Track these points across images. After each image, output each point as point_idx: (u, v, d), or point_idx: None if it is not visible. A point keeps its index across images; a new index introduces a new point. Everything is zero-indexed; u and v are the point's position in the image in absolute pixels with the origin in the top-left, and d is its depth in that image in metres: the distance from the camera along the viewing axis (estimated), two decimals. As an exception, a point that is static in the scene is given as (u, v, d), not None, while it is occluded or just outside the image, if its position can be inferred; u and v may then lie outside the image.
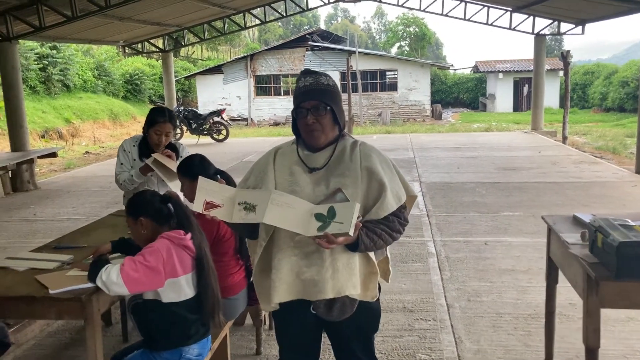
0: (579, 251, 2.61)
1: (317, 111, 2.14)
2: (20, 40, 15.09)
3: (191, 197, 3.30)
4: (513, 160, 11.77)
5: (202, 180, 2.03)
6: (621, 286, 2.34)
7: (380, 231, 2.10)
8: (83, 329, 4.24)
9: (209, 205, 1.97)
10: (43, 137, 18.56)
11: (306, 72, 2.24)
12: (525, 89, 30.61)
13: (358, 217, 1.98)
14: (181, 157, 3.94)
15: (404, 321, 4.16)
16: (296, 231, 1.97)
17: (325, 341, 2.41)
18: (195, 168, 3.22)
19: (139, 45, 19.00)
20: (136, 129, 23.71)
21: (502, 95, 31.40)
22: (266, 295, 2.19)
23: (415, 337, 3.91)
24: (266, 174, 2.20)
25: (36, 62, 20.58)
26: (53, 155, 11.48)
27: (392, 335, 3.94)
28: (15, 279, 2.72)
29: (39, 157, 10.99)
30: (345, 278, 2.10)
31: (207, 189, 2.01)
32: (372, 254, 2.19)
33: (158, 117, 3.84)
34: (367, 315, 2.26)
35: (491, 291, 4.68)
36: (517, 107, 31.19)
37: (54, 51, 21.65)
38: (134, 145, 3.99)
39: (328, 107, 2.15)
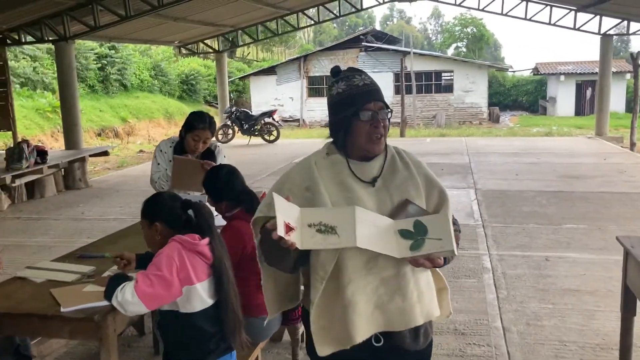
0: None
1: (383, 114, 1.87)
2: (79, 41, 15.44)
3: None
4: (576, 167, 11.09)
5: (277, 199, 1.59)
6: None
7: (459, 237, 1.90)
8: (117, 338, 4.13)
9: (288, 228, 1.57)
10: (99, 135, 18.97)
11: (354, 70, 1.94)
12: (589, 92, 29.25)
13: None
14: (219, 162, 3.74)
15: (455, 345, 3.79)
16: (386, 253, 1.68)
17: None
18: (219, 185, 2.96)
19: (194, 46, 19.15)
20: (190, 128, 23.97)
21: (564, 98, 30.12)
22: (337, 336, 1.83)
23: (467, 364, 3.54)
24: (316, 191, 1.83)
25: (95, 62, 21.11)
26: (105, 154, 11.59)
27: (442, 361, 3.59)
28: (30, 292, 2.54)
29: (91, 156, 11.10)
30: (429, 299, 1.88)
31: (284, 209, 1.59)
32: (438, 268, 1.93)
33: (198, 124, 3.66)
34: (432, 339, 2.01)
35: (553, 314, 4.24)
36: (579, 111, 29.86)
37: (113, 51, 22.16)
38: (170, 146, 3.85)
39: (390, 111, 1.90)
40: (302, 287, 2.04)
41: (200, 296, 2.31)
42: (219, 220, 3.12)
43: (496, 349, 3.73)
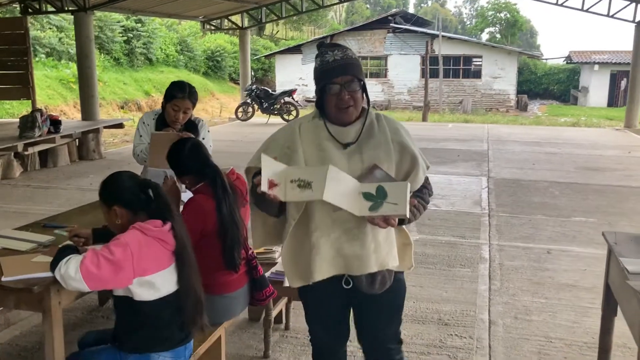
0: None
1: (350, 86, 2.09)
2: (106, 13, 15.45)
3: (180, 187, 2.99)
4: (597, 159, 10.74)
5: (264, 159, 1.88)
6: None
7: (417, 203, 2.14)
8: (96, 308, 4.11)
9: (271, 184, 1.87)
10: (122, 108, 19.09)
11: (332, 45, 2.18)
12: (623, 82, 28.34)
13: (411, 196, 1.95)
14: (202, 137, 3.65)
15: (436, 336, 3.67)
16: (348, 210, 1.91)
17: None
18: (183, 159, 2.86)
19: (219, 22, 19.01)
20: (213, 105, 23.99)
21: (597, 88, 29.25)
22: (302, 272, 2.16)
23: (444, 356, 3.42)
24: (294, 150, 2.11)
25: (121, 35, 21.17)
26: (120, 126, 11.63)
27: (419, 351, 3.48)
28: (-19, 259, 2.49)
29: (106, 127, 11.15)
30: (386, 251, 2.13)
31: (270, 167, 1.89)
32: (404, 225, 2.21)
33: (177, 92, 3.57)
34: (397, 287, 2.26)
35: (544, 309, 4.09)
36: (612, 102, 29.00)
37: (139, 24, 22.19)
38: (153, 119, 3.77)
39: (361, 82, 2.11)
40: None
41: (155, 286, 2.23)
42: (188, 195, 3.03)
43: (478, 342, 3.60)
